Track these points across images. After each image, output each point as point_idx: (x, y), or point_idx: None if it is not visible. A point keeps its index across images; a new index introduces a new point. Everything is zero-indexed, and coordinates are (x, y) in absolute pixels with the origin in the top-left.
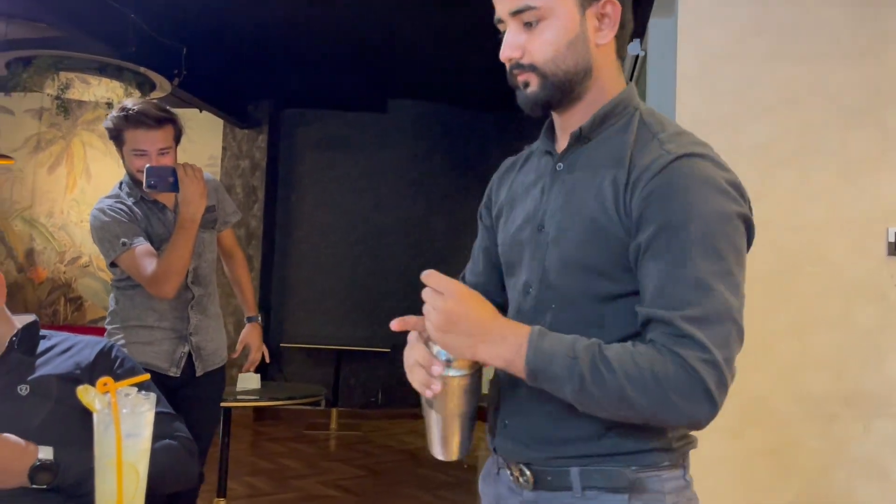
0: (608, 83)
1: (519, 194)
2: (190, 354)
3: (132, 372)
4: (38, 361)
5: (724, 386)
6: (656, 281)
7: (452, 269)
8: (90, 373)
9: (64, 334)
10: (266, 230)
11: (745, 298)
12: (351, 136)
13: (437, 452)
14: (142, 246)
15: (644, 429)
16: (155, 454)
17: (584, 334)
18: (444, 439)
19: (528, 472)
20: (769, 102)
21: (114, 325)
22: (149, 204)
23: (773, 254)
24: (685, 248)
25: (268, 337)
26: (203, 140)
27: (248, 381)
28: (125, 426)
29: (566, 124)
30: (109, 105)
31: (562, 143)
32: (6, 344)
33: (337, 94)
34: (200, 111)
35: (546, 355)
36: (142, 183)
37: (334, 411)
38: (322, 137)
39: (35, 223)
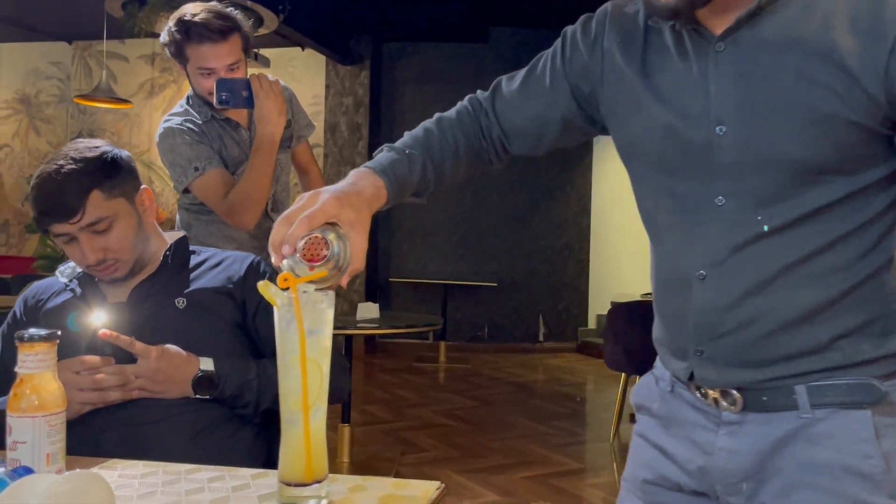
0: None
1: (657, 78)
2: None
3: None
4: (191, 276)
5: None
6: None
7: (557, 204)
8: (242, 286)
9: (212, 250)
10: None
11: None
12: (451, 68)
13: None
14: (216, 170)
15: (885, 330)
16: None
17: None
18: None
19: (735, 395)
20: None
21: None
22: (220, 122)
23: None
24: None
25: (376, 271)
26: (306, 79)
27: (368, 310)
28: (306, 323)
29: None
30: None
31: (713, 22)
32: (160, 259)
33: (437, 25)
34: (303, 49)
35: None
36: (212, 103)
37: (442, 345)
38: (422, 71)
39: (152, 166)
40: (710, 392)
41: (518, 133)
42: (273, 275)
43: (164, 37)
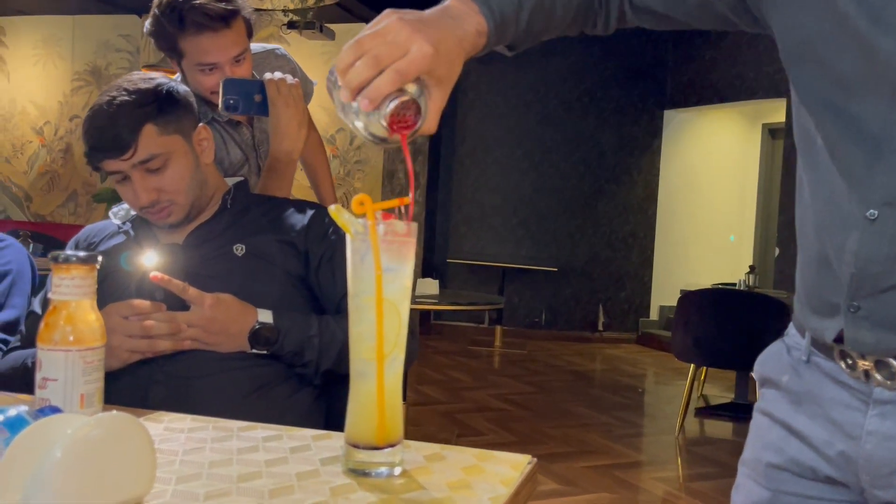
0: None
1: None
2: None
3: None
4: (252, 223)
5: None
6: None
7: (623, 189)
8: (305, 236)
9: (275, 197)
10: (432, 146)
11: None
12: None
13: None
14: None
15: None
16: None
17: None
18: None
19: (894, 366)
20: None
21: None
22: (222, 124)
23: None
24: None
25: (433, 252)
26: None
27: (427, 286)
28: (384, 258)
29: None
30: (288, 20)
31: None
32: (219, 203)
33: None
34: (368, 23)
35: None
36: (212, 102)
37: (498, 329)
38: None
39: None
40: (861, 362)
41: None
42: (338, 227)
43: (148, 26)
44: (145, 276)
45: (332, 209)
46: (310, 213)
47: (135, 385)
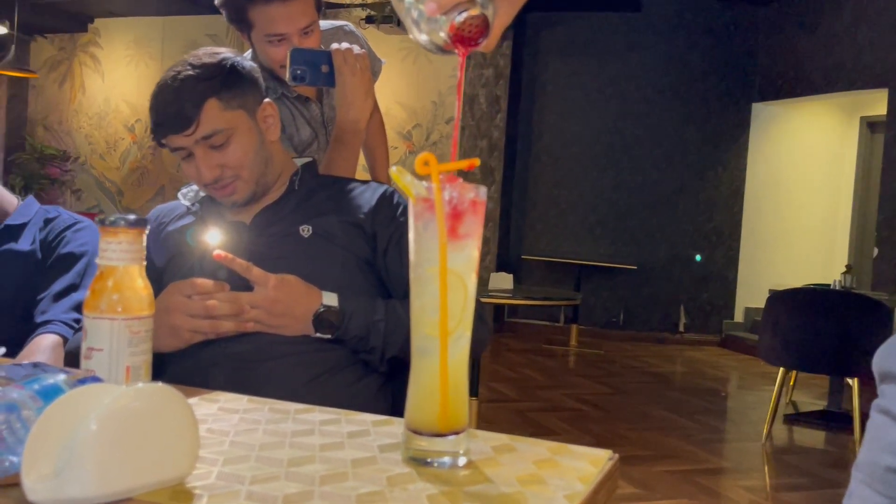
0: None
1: None
2: None
3: None
4: (319, 204)
5: None
6: None
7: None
8: (372, 218)
9: (343, 178)
10: (508, 141)
11: None
12: (598, 39)
13: None
14: None
15: None
16: None
17: None
18: None
19: None
20: None
21: None
22: (291, 101)
23: None
24: None
25: (508, 249)
26: None
27: (501, 280)
28: (450, 225)
29: None
30: (367, 11)
31: None
32: (286, 183)
33: None
34: None
35: None
36: (281, 77)
37: (574, 328)
38: (567, 42)
39: None
40: None
41: None
42: (407, 207)
43: None
44: (209, 255)
45: (394, 170)
46: (378, 193)
47: (196, 367)
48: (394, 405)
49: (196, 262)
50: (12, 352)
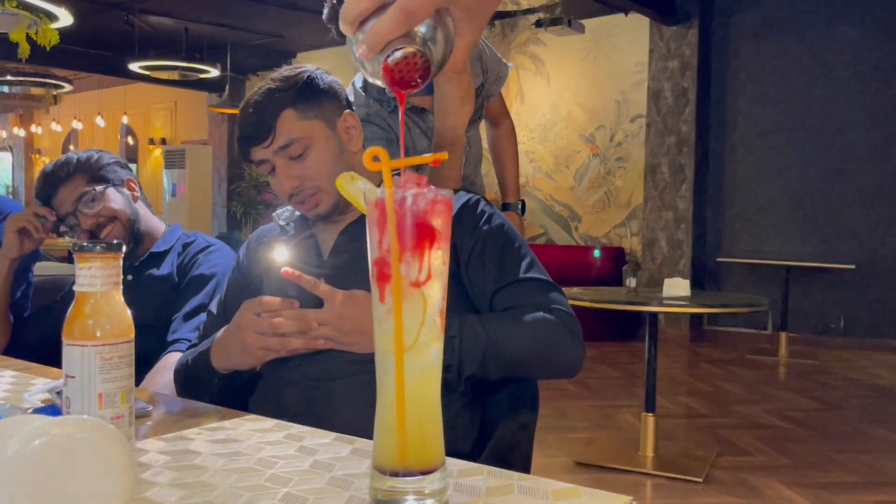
0: None
1: None
2: None
3: (501, 231)
4: None
5: None
6: None
7: None
8: (453, 228)
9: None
10: (699, 135)
11: None
12: (796, 14)
13: None
14: None
15: None
16: (528, 327)
17: None
18: None
19: None
20: None
21: None
22: (407, 112)
23: None
24: None
25: (703, 251)
26: (628, 47)
27: (676, 287)
28: (405, 231)
29: None
30: (535, 19)
31: None
32: None
33: None
34: (626, 14)
35: None
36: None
37: (783, 336)
38: (762, 24)
39: None
40: None
41: None
42: (493, 216)
43: (326, 12)
44: (279, 272)
45: (339, 178)
46: (461, 202)
47: (272, 386)
48: (481, 431)
49: (273, 281)
50: None
